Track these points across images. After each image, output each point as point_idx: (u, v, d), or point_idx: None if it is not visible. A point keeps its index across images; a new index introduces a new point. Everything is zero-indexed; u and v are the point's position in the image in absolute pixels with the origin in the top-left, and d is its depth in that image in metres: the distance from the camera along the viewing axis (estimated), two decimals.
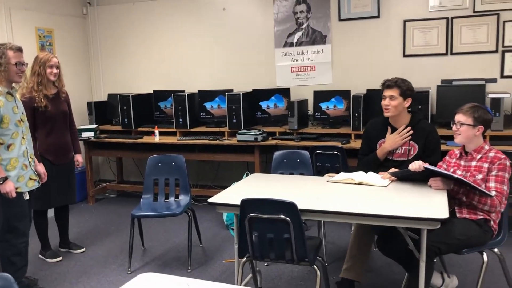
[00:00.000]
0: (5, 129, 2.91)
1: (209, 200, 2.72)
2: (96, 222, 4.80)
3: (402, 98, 3.01)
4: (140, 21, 5.79)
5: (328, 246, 3.88)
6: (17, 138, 2.98)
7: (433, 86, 4.46)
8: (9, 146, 2.94)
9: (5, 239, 2.99)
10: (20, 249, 3.04)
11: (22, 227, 3.03)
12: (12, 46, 2.94)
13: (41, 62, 3.59)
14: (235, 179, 4.39)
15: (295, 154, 3.64)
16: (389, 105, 3.03)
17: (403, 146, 3.07)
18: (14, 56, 2.91)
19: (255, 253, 2.55)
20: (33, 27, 5.27)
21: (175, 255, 3.88)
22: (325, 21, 4.97)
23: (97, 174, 6.10)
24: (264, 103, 5.07)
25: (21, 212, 3.03)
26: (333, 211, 2.45)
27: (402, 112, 3.06)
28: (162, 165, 3.90)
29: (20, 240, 3.03)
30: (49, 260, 3.78)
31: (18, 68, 2.93)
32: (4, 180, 2.88)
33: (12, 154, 2.95)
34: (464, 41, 4.49)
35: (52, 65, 3.60)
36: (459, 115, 2.73)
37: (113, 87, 5.94)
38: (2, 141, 2.92)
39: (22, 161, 3.01)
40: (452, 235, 2.56)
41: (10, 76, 2.92)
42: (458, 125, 2.72)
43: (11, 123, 2.93)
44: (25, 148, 3.05)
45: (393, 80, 3.05)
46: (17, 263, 3.04)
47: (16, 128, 2.96)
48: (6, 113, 2.90)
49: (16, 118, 2.97)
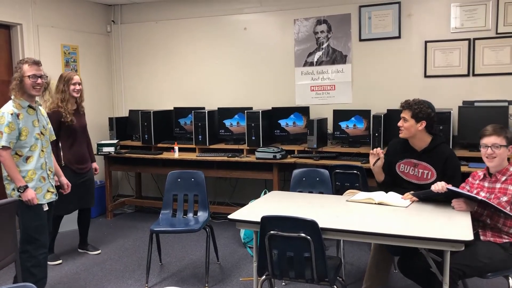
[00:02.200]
0: (24, 141, 2.98)
1: (229, 216, 2.72)
2: (114, 236, 4.82)
3: (414, 121, 2.99)
4: (162, 40, 5.90)
5: (347, 266, 3.83)
6: (36, 151, 3.04)
7: (454, 107, 4.43)
8: (28, 159, 3.01)
9: (25, 250, 3.03)
10: (40, 260, 3.07)
11: (42, 239, 3.07)
12: (28, 60, 3.04)
13: (65, 80, 3.93)
14: (253, 196, 4.39)
15: (314, 172, 3.63)
16: (402, 126, 3.02)
17: (420, 170, 3.03)
18: (28, 69, 3.00)
19: (274, 271, 2.53)
20: (59, 44, 5.41)
21: (192, 272, 3.87)
22: (346, 41, 5.00)
23: (115, 189, 6.15)
24: (283, 121, 5.08)
25: (41, 224, 3.08)
26: (354, 230, 2.43)
27: (418, 134, 3.02)
28: (181, 180, 3.92)
29: (40, 252, 3.07)
30: (50, 262, 3.88)
31: (33, 81, 3.00)
32: (25, 188, 2.95)
33: (29, 166, 3.01)
34: (486, 62, 4.46)
35: (75, 83, 3.95)
36: (493, 137, 2.65)
37: (134, 103, 6.04)
38: (21, 153, 2.99)
39: (40, 173, 3.07)
40: (477, 258, 2.50)
41: (26, 89, 3.00)
42: (494, 147, 2.63)
43: (30, 135, 3.01)
44: (44, 161, 3.11)
45: (407, 102, 3.04)
46: (37, 274, 3.07)
47: (35, 141, 3.04)
48: (25, 126, 2.98)
49: (35, 131, 3.04)
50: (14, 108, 2.98)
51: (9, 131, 2.91)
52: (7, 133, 2.91)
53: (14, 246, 2.88)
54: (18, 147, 2.98)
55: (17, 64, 3.07)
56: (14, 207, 2.86)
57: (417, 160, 3.04)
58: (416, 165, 3.05)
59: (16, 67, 3.06)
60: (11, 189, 3.01)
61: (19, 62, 3.07)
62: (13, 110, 2.96)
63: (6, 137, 2.91)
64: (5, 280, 3.66)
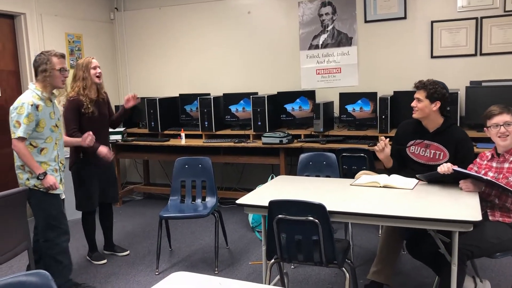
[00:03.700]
0: (40, 133, 2.99)
1: (237, 201, 2.73)
2: (123, 223, 4.87)
3: (428, 101, 2.95)
4: (166, 26, 5.88)
5: (356, 249, 3.85)
6: (51, 143, 3.06)
7: (462, 87, 4.39)
8: (42, 150, 3.02)
9: (48, 239, 3.07)
10: (63, 247, 3.12)
11: (63, 226, 3.12)
12: (56, 52, 3.03)
13: (83, 66, 3.64)
14: (260, 181, 4.41)
15: (321, 156, 3.62)
16: (416, 107, 2.99)
17: (432, 150, 3.02)
18: (58, 62, 3.00)
19: (283, 254, 2.55)
20: (63, 33, 5.40)
21: (202, 257, 3.91)
22: (351, 23, 4.95)
23: (124, 177, 6.20)
24: (289, 106, 5.07)
25: (61, 211, 3.12)
26: (362, 213, 2.43)
27: (432, 115, 2.99)
28: (189, 167, 3.94)
29: (62, 239, 3.12)
30: (95, 262, 3.83)
31: (62, 74, 3.02)
32: (45, 175, 2.97)
33: (43, 158, 3.02)
34: (494, 41, 4.40)
35: (94, 66, 3.67)
36: (504, 115, 2.61)
37: (140, 90, 6.03)
38: (36, 144, 3.00)
39: (53, 165, 3.09)
40: (485, 238, 2.50)
41: (55, 82, 3.01)
42: (505, 126, 2.60)
43: (47, 127, 3.02)
44: (57, 153, 3.13)
45: (422, 82, 3.01)
46: (63, 261, 3.12)
47: (50, 133, 3.05)
48: (43, 118, 2.98)
49: (51, 123, 3.05)
50: (34, 99, 2.95)
51: (27, 122, 2.90)
52: (26, 124, 2.90)
53: (25, 235, 2.92)
54: (33, 138, 2.98)
55: (41, 56, 2.99)
56: (24, 196, 2.89)
57: (429, 141, 3.03)
58: (428, 146, 3.03)
59: (41, 59, 2.98)
60: (24, 178, 3.02)
61: (43, 54, 3.00)
62: (33, 101, 2.93)
63: (25, 128, 2.90)
64: (18, 268, 3.72)
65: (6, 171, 4.78)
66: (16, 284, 1.53)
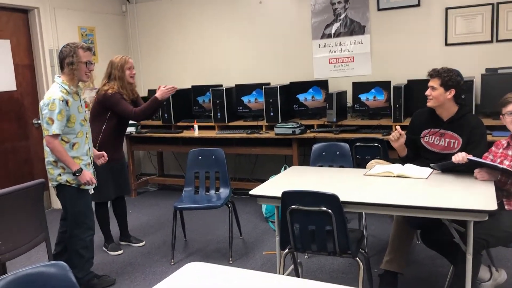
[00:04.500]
0: (71, 128, 2.97)
1: (250, 192, 2.74)
2: (138, 214, 4.93)
3: (443, 89, 2.91)
4: (178, 17, 5.88)
5: (370, 239, 3.85)
6: (82, 137, 3.05)
7: (477, 75, 4.32)
8: (74, 145, 3.01)
9: (74, 235, 3.11)
10: (87, 242, 3.15)
11: (89, 222, 3.14)
12: (82, 45, 2.97)
13: (119, 66, 3.67)
14: (273, 172, 4.42)
15: (334, 146, 3.61)
16: (430, 95, 2.95)
17: (446, 139, 2.99)
18: (84, 55, 2.96)
19: (296, 244, 2.56)
20: (75, 26, 5.44)
21: (216, 247, 3.95)
22: (364, 11, 4.89)
23: (138, 168, 6.26)
24: (301, 96, 5.05)
25: (88, 208, 3.14)
26: (375, 203, 2.43)
27: (446, 103, 2.95)
28: (202, 158, 3.96)
29: (87, 234, 3.14)
30: (111, 252, 3.89)
31: (88, 67, 2.99)
32: (81, 171, 2.99)
33: (75, 153, 3.02)
34: (511, 27, 4.31)
35: (130, 67, 3.70)
36: None
37: (153, 82, 6.06)
38: (68, 140, 2.98)
39: (86, 159, 3.09)
40: (501, 228, 2.48)
41: (80, 75, 2.97)
42: None
43: (77, 122, 3.00)
44: (88, 147, 3.13)
45: (436, 70, 2.96)
46: (85, 255, 3.15)
47: (81, 128, 3.04)
48: (73, 113, 2.97)
49: (80, 117, 3.04)
50: (63, 94, 2.92)
51: (61, 119, 2.88)
52: (60, 121, 2.87)
53: (42, 227, 2.97)
54: (65, 134, 2.95)
55: (67, 47, 2.94)
56: (41, 188, 2.93)
57: (444, 129, 2.99)
58: (442, 135, 3.00)
59: (67, 51, 2.93)
60: (56, 174, 3.01)
61: (69, 45, 2.95)
62: (62, 96, 2.90)
63: (59, 124, 2.88)
64: (37, 259, 3.80)
65: (21, 164, 4.86)
66: (35, 274, 1.56)
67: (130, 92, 3.76)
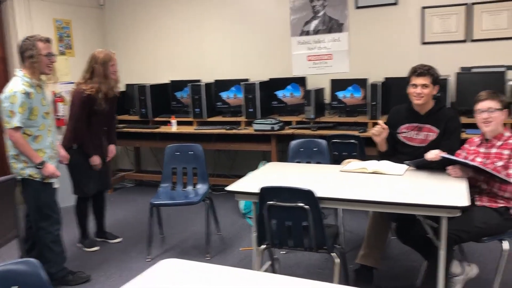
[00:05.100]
0: (34, 121, 2.94)
1: (227, 188, 2.74)
2: (115, 211, 4.87)
3: (432, 86, 2.98)
4: (157, 11, 5.81)
5: (346, 234, 3.89)
6: (44, 130, 3.02)
7: (452, 73, 4.40)
8: (36, 138, 2.98)
9: (41, 227, 3.07)
10: (55, 236, 3.13)
11: (55, 215, 3.11)
12: (41, 37, 2.95)
13: (103, 62, 3.52)
14: (251, 168, 4.41)
15: (312, 143, 3.64)
16: (422, 93, 2.96)
17: (424, 132, 3.04)
18: (44, 47, 2.93)
19: (273, 240, 2.57)
20: (51, 19, 5.32)
21: (193, 243, 3.93)
22: (342, 9, 4.92)
23: (115, 164, 6.17)
24: (280, 92, 5.06)
25: (54, 201, 3.12)
26: (351, 199, 2.45)
27: (429, 99, 3.03)
28: (180, 154, 3.93)
29: (55, 228, 3.12)
30: (87, 249, 3.84)
31: (49, 59, 2.96)
32: (43, 164, 2.95)
33: (38, 145, 2.98)
34: (485, 27, 4.40)
35: (113, 64, 3.58)
36: (487, 101, 2.66)
37: (131, 77, 5.98)
38: (30, 133, 2.95)
39: (49, 152, 3.05)
40: (473, 223, 2.54)
41: (42, 67, 2.94)
42: (488, 112, 2.64)
43: (39, 115, 2.97)
44: (51, 140, 3.09)
45: (426, 68, 2.98)
46: (55, 249, 3.13)
47: (43, 120, 3.00)
48: (36, 105, 2.93)
49: (44, 110, 3.00)
50: (25, 86, 2.89)
51: (22, 111, 2.85)
52: (21, 114, 2.85)
53: (14, 224, 2.91)
54: (27, 127, 2.92)
55: (27, 41, 2.92)
56: (12, 184, 2.88)
57: (421, 123, 3.05)
58: (420, 129, 3.05)
59: (26, 44, 2.90)
60: (19, 168, 2.97)
61: (28, 39, 2.92)
62: (24, 89, 2.87)
63: (20, 117, 2.85)
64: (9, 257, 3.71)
65: None
66: (5, 272, 1.53)
67: (110, 89, 3.61)
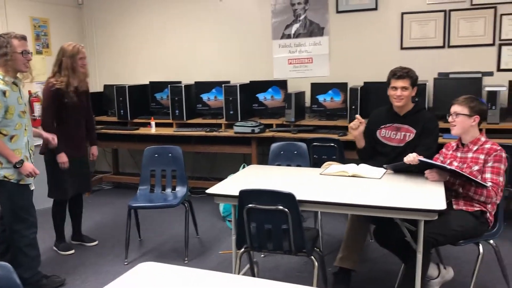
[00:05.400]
0: (9, 120, 2.86)
1: (207, 190, 2.72)
2: (92, 213, 4.78)
3: (411, 88, 3.04)
4: (137, 12, 5.75)
5: (325, 237, 3.90)
6: (20, 129, 2.94)
7: (430, 79, 4.47)
8: (12, 138, 2.90)
9: (15, 230, 2.98)
10: (31, 239, 3.04)
11: (31, 218, 3.03)
12: (16, 34, 2.88)
13: (71, 55, 3.47)
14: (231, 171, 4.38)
15: (292, 146, 3.64)
16: (402, 96, 3.01)
17: (402, 132, 3.08)
18: (19, 44, 2.86)
19: (253, 243, 2.56)
20: (27, 17, 5.22)
21: (171, 246, 3.89)
22: (323, 13, 4.96)
23: (92, 166, 6.05)
24: (261, 95, 5.06)
25: (30, 203, 3.03)
26: (330, 202, 2.46)
27: (409, 101, 3.09)
28: (158, 156, 3.89)
29: (31, 231, 3.03)
30: (62, 252, 3.76)
31: (24, 57, 2.89)
32: (22, 163, 2.88)
33: (14, 145, 2.90)
34: (462, 34, 4.50)
35: (82, 57, 3.52)
36: (455, 106, 2.78)
37: (109, 78, 5.91)
38: (6, 132, 2.87)
39: (24, 152, 2.97)
40: (449, 227, 2.57)
41: (17, 65, 2.87)
42: (454, 115, 2.75)
43: (15, 114, 2.89)
44: (27, 139, 3.01)
45: (405, 70, 3.04)
46: (29, 253, 3.04)
47: (19, 119, 2.92)
48: (12, 104, 2.85)
49: (20, 109, 2.92)
50: (0, 85, 2.81)
51: None
52: None
53: None
54: (3, 126, 2.84)
55: (1, 38, 2.84)
56: None
57: (400, 124, 3.10)
58: (398, 129, 3.10)
59: (0, 42, 2.84)
60: None
61: (2, 37, 2.85)
62: None
63: None
64: None
65: None
66: None
67: (80, 83, 3.56)
